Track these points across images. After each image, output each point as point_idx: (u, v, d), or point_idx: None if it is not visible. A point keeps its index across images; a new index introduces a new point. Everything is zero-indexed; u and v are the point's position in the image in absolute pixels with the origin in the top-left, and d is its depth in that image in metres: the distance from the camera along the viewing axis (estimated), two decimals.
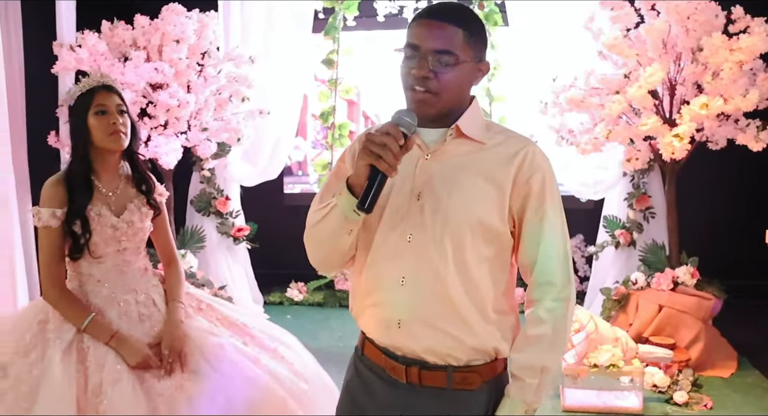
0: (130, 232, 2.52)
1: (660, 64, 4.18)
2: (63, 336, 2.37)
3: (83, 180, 2.47)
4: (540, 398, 1.67)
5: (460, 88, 1.64)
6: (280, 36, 5.60)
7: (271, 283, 6.25)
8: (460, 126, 1.65)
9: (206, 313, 2.64)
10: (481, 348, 1.67)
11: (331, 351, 4.83)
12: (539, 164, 1.65)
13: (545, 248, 1.65)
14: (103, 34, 4.86)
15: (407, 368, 1.68)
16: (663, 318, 4.35)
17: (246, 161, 5.79)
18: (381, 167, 1.52)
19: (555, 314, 1.65)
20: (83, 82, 2.53)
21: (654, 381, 3.93)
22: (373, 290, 1.71)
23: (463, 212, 1.62)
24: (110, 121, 2.46)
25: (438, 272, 1.62)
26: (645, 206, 4.99)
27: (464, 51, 1.60)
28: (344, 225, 1.64)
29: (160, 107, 4.72)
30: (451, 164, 1.66)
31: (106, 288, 2.50)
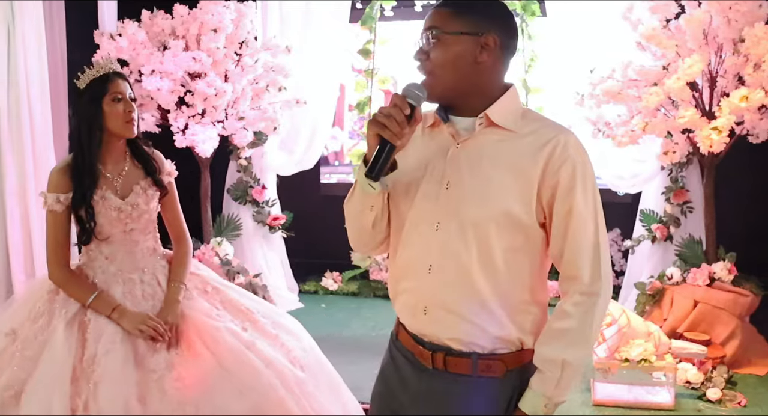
0: (135, 214, 2.58)
1: (700, 56, 4.10)
2: (69, 307, 2.49)
3: (89, 166, 2.52)
4: (561, 392, 1.65)
5: (455, 65, 1.63)
6: (317, 26, 5.62)
7: (306, 272, 6.30)
8: (489, 114, 1.64)
9: (211, 296, 2.67)
10: (506, 337, 1.67)
11: (364, 340, 4.86)
12: (570, 154, 1.61)
13: (572, 241, 1.63)
14: (143, 23, 4.94)
15: (433, 354, 1.70)
16: (698, 313, 4.29)
17: (283, 150, 5.83)
18: (385, 135, 1.55)
19: (581, 308, 1.64)
20: (95, 67, 2.56)
21: (687, 377, 3.88)
22: (403, 276, 1.74)
23: (488, 203, 1.61)
24: (127, 108, 2.53)
25: (462, 261, 1.63)
26: (683, 200, 4.92)
27: (450, 25, 1.61)
28: (364, 200, 1.69)
29: (197, 95, 4.78)
30: (480, 153, 1.65)
31: (113, 266, 2.59)
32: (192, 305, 2.58)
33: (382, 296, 5.97)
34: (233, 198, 5.70)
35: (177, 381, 2.32)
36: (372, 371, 4.07)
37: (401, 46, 6.25)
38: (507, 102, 1.68)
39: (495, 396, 1.69)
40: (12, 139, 4.38)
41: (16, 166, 4.41)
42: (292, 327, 2.74)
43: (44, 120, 4.51)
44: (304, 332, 2.80)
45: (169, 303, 2.54)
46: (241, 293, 2.78)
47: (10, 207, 4.38)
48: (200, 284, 2.71)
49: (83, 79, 2.56)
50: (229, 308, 2.64)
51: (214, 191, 5.52)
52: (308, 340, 2.78)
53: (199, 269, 2.82)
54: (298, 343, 2.67)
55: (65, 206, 2.52)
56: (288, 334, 2.67)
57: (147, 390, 2.30)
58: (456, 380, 1.69)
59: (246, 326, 2.58)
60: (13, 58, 4.37)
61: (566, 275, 1.67)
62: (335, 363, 4.24)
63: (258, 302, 2.78)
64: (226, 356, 2.41)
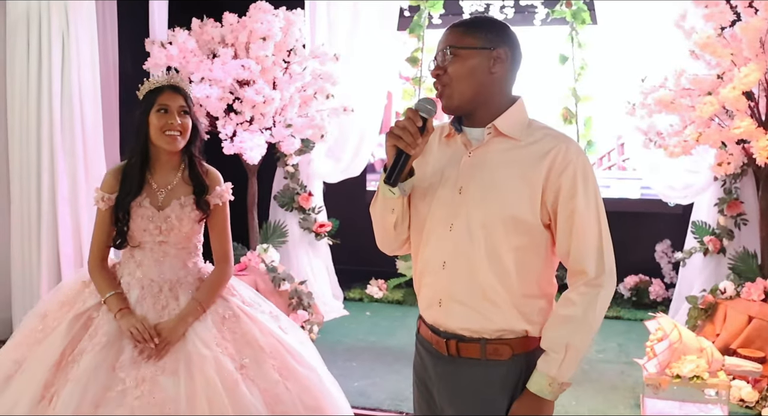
0: (165, 227, 2.60)
1: (756, 65, 4.01)
2: (88, 301, 2.59)
3: (137, 173, 2.60)
4: (564, 373, 1.78)
5: (471, 78, 1.80)
6: (365, 33, 5.63)
7: (351, 279, 6.31)
8: (496, 125, 1.82)
9: (226, 324, 2.61)
10: (509, 327, 1.83)
11: (408, 349, 4.78)
12: (571, 159, 1.78)
13: (577, 239, 1.79)
14: (193, 31, 5.00)
15: (447, 341, 1.87)
16: (753, 329, 4.16)
17: (330, 157, 5.85)
18: (401, 145, 1.74)
19: (585, 298, 1.79)
20: (152, 80, 2.64)
21: (741, 395, 3.77)
22: (423, 272, 1.92)
23: (497, 207, 1.78)
24: (168, 120, 2.55)
25: (471, 258, 1.80)
26: (736, 212, 4.79)
27: (464, 42, 1.80)
28: (386, 205, 1.88)
29: (246, 102, 4.83)
30: (490, 161, 1.82)
31: (140, 271, 2.64)
32: (196, 328, 2.54)
33: None
34: (280, 205, 5.73)
35: (137, 399, 2.33)
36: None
37: None
38: (514, 113, 1.85)
39: (503, 377, 1.84)
40: (65, 146, 4.48)
41: (68, 172, 4.50)
42: (304, 373, 2.61)
43: (95, 128, 4.59)
44: (317, 380, 2.64)
45: (176, 319, 2.53)
46: (263, 326, 2.66)
47: (62, 212, 4.46)
48: (221, 309, 2.65)
49: (142, 91, 2.64)
50: (239, 341, 2.58)
51: (261, 198, 5.55)
52: (316, 392, 2.61)
53: (235, 290, 2.77)
54: (299, 394, 2.54)
55: (109, 205, 2.62)
56: (295, 381, 2.56)
57: (104, 398, 2.33)
58: (468, 363, 1.86)
59: (246, 362, 2.52)
60: (67, 67, 4.47)
61: (573, 271, 1.83)
62: (378, 372, 4.26)
63: (279, 339, 2.65)
64: (199, 390, 2.37)
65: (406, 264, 6.03)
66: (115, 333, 2.48)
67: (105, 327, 2.49)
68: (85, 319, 2.54)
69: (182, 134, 2.59)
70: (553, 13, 5.66)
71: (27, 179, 4.50)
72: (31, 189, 4.51)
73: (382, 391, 3.98)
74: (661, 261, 5.81)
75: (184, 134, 2.59)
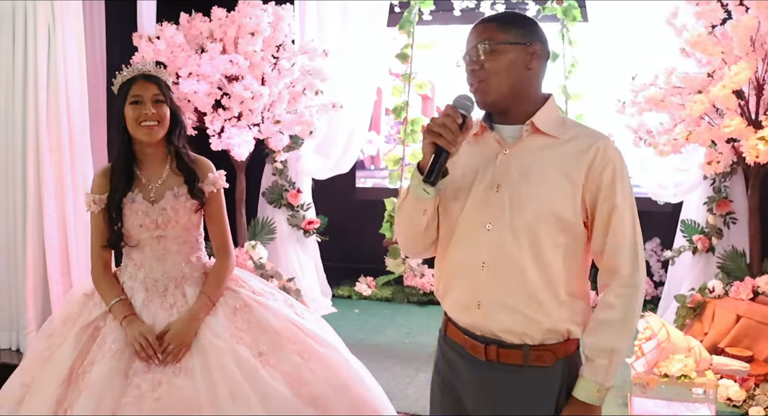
0: (162, 220, 2.53)
1: (747, 63, 4.00)
2: (93, 312, 2.52)
3: (124, 170, 2.54)
4: (610, 378, 1.78)
5: (509, 73, 1.78)
6: (355, 29, 5.61)
7: (340, 276, 6.29)
8: (534, 122, 1.79)
9: (238, 315, 2.56)
10: (554, 328, 1.80)
11: (397, 346, 4.82)
12: (610, 157, 1.77)
13: (614, 237, 1.78)
14: (181, 26, 4.96)
15: (486, 346, 1.82)
16: (741, 328, 4.16)
17: (319, 154, 5.83)
18: (441, 143, 1.70)
19: (624, 299, 1.78)
20: (125, 72, 2.55)
21: (728, 395, 3.76)
22: (455, 273, 1.87)
23: (539, 204, 1.76)
24: (142, 110, 2.47)
25: (515, 258, 1.77)
26: (726, 211, 4.79)
27: (500, 36, 1.77)
28: (418, 205, 1.82)
29: (234, 98, 4.80)
30: (528, 158, 1.79)
31: (141, 273, 2.57)
32: (207, 322, 2.49)
33: (417, 302, 5.94)
34: (268, 201, 5.70)
35: (155, 401, 2.27)
36: (405, 379, 4.09)
37: (440, 50, 6.21)
38: (549, 110, 1.83)
39: (546, 384, 1.82)
40: (51, 141, 4.43)
41: (54, 167, 4.45)
42: (325, 353, 2.56)
43: (82, 123, 4.55)
44: (340, 358, 2.60)
45: (187, 318, 2.47)
46: (278, 311, 2.62)
47: (48, 209, 4.42)
48: (231, 300, 2.59)
49: (115, 84, 2.57)
50: (254, 329, 2.52)
51: (250, 195, 5.52)
52: (340, 370, 2.56)
53: (243, 282, 2.71)
54: (323, 373, 2.50)
55: (101, 207, 2.55)
56: (317, 362, 2.51)
57: (120, 405, 2.27)
58: (508, 370, 1.82)
59: (264, 349, 2.47)
60: (53, 61, 4.41)
61: (606, 268, 1.81)
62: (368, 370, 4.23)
63: (295, 323, 2.59)
64: (220, 383, 2.33)
65: (395, 262, 6.00)
66: (125, 339, 2.41)
67: (113, 335, 2.42)
68: (92, 330, 2.47)
69: (160, 124, 2.50)
70: (543, 10, 5.63)
71: (12, 174, 4.45)
72: (16, 184, 4.46)
73: None
74: (650, 260, 5.80)
75: (161, 124, 2.51)
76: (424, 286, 5.92)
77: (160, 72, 2.58)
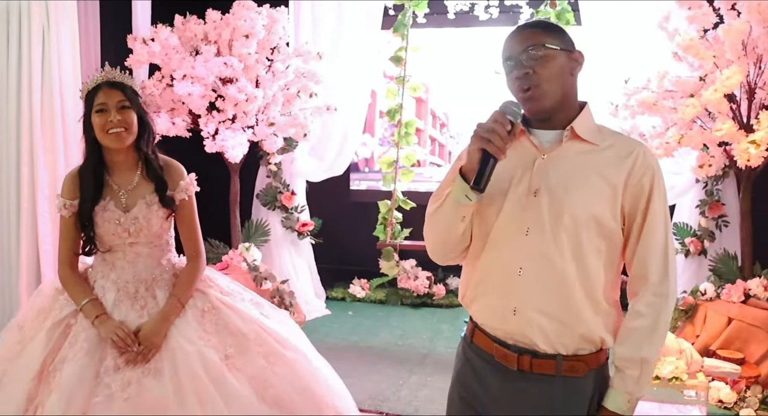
0: (134, 228, 2.55)
1: (739, 67, 4.02)
2: (65, 309, 2.52)
3: (93, 177, 2.54)
4: (641, 388, 1.77)
5: (560, 78, 1.76)
6: (349, 32, 5.62)
7: (334, 278, 6.30)
8: (575, 127, 1.78)
9: (206, 317, 2.58)
10: (589, 336, 1.78)
11: (390, 348, 4.82)
12: (650, 163, 1.76)
13: (644, 242, 1.77)
14: (176, 28, 4.97)
15: (519, 356, 1.79)
16: (732, 331, 4.18)
17: (313, 156, 5.84)
18: (490, 149, 1.67)
19: (653, 308, 1.76)
20: (90, 80, 2.55)
21: (720, 397, 3.78)
22: (488, 278, 1.84)
23: (579, 209, 1.73)
24: (108, 118, 2.47)
25: (555, 264, 1.74)
26: (718, 214, 4.81)
27: (549, 41, 1.76)
28: (457, 211, 1.78)
29: (228, 100, 4.80)
30: (567, 163, 1.78)
31: (113, 274, 2.59)
32: (177, 324, 2.50)
33: (410, 304, 5.95)
34: (262, 203, 5.70)
35: (125, 402, 2.29)
36: (397, 381, 4.10)
37: (434, 53, 6.23)
38: (587, 117, 1.83)
39: (578, 394, 1.80)
40: (45, 142, 4.43)
41: (48, 168, 4.45)
42: (291, 356, 2.58)
43: (77, 124, 4.49)
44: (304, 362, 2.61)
45: (157, 320, 2.48)
46: (245, 314, 2.63)
47: (41, 210, 4.42)
48: (200, 302, 2.62)
49: (82, 93, 2.57)
50: (221, 332, 2.55)
51: (244, 196, 5.53)
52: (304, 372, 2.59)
53: (212, 281, 2.74)
54: (287, 376, 2.53)
55: (72, 212, 2.55)
56: (282, 365, 2.53)
57: (91, 405, 2.29)
58: (540, 380, 1.79)
59: (230, 352, 2.49)
60: (48, 62, 4.42)
61: (636, 275, 1.80)
62: (359, 372, 4.25)
63: (262, 325, 2.62)
64: (187, 386, 2.35)
65: (389, 264, 6.01)
66: (97, 339, 2.42)
67: (84, 334, 2.43)
68: (64, 327, 2.47)
69: (126, 130, 2.50)
70: (537, 13, 5.66)
71: (6, 175, 4.45)
72: (10, 185, 4.46)
73: (362, 391, 3.96)
74: None
75: (128, 130, 2.50)
76: (417, 288, 5.93)
77: (125, 78, 2.57)
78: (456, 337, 5.09)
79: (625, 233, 1.79)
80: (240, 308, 2.64)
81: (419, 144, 6.47)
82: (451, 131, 6.61)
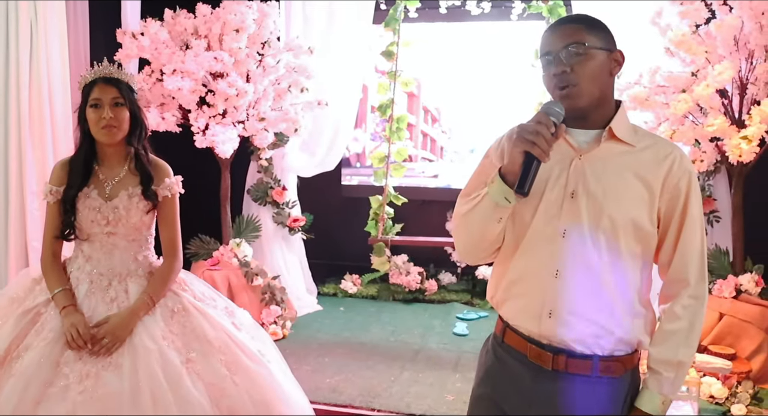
0: (113, 218, 2.58)
1: (730, 62, 4.02)
2: (38, 298, 2.57)
3: (83, 166, 2.61)
4: (675, 390, 1.79)
5: (599, 78, 1.74)
6: (340, 26, 5.60)
7: (325, 274, 6.29)
8: (613, 128, 1.76)
9: (175, 318, 2.59)
10: (627, 339, 1.77)
11: (381, 344, 4.81)
12: (687, 167, 1.76)
13: (683, 246, 1.77)
14: (166, 22, 4.93)
15: (555, 356, 1.78)
16: (724, 326, 4.19)
17: (304, 151, 5.81)
18: (535, 152, 1.64)
19: (690, 310, 1.77)
20: (86, 74, 2.62)
21: (711, 392, 3.79)
22: (522, 280, 1.83)
23: (617, 211, 1.72)
24: (101, 115, 2.54)
25: (593, 266, 1.73)
26: (709, 210, 4.81)
27: (590, 39, 1.73)
28: (494, 213, 1.75)
29: (218, 95, 4.77)
30: (605, 164, 1.76)
31: (89, 265, 2.62)
32: (144, 321, 2.52)
33: (402, 300, 5.94)
34: (253, 199, 5.68)
35: (80, 394, 2.30)
36: (389, 377, 4.09)
37: (426, 48, 6.21)
38: (623, 117, 1.80)
39: (614, 395, 1.79)
40: (33, 138, 4.39)
41: (37, 165, 4.42)
42: (254, 368, 2.58)
43: (65, 120, 4.51)
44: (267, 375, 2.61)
45: (125, 314, 2.50)
46: (214, 321, 2.63)
47: (30, 207, 4.38)
48: (171, 303, 2.64)
49: (79, 86, 2.63)
50: (187, 335, 2.55)
51: (234, 192, 5.50)
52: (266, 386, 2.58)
53: (187, 285, 2.75)
54: (246, 388, 2.52)
55: (57, 198, 2.62)
56: (243, 376, 2.53)
57: (46, 394, 2.30)
58: (575, 380, 1.78)
59: (192, 356, 2.49)
60: (36, 58, 4.37)
61: (674, 279, 1.80)
62: (351, 368, 4.24)
63: (230, 334, 2.62)
64: (144, 385, 2.35)
65: (380, 260, 6.00)
66: (62, 329, 2.44)
67: (51, 323, 2.46)
68: (33, 314, 2.52)
69: (118, 127, 2.57)
70: (529, 8, 5.65)
71: None
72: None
73: (354, 387, 3.95)
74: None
75: (120, 126, 2.57)
76: (409, 284, 5.93)
77: (121, 75, 2.62)
78: (448, 333, 5.09)
79: (660, 236, 1.78)
80: (211, 315, 2.65)
81: (411, 139, 6.45)
82: (443, 126, 6.59)
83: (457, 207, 1.87)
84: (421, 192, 6.44)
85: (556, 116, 1.68)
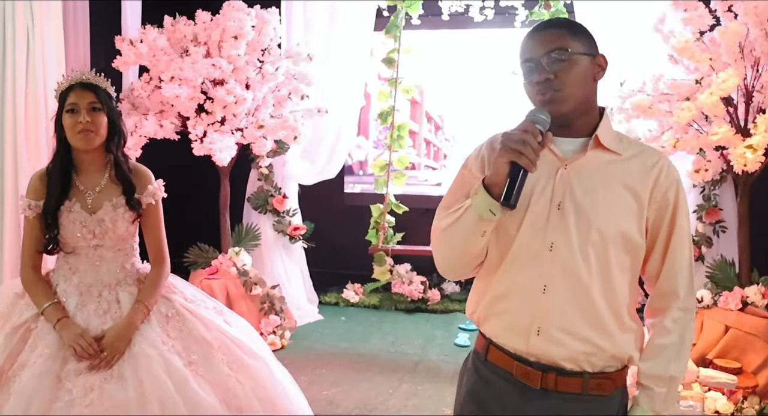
0: (99, 231, 2.53)
1: (735, 70, 3.95)
2: (25, 313, 2.48)
3: (60, 177, 2.53)
4: (668, 407, 1.73)
5: (583, 84, 1.67)
6: (341, 33, 5.57)
7: (327, 283, 6.24)
8: (599, 136, 1.70)
9: (171, 323, 2.57)
10: (618, 355, 1.71)
11: (381, 356, 4.75)
12: (674, 176, 1.71)
13: (671, 258, 1.72)
14: (165, 29, 4.89)
15: (544, 374, 1.71)
16: (729, 339, 4.10)
17: (305, 159, 5.77)
18: (522, 162, 1.56)
19: (680, 324, 1.73)
20: (64, 80, 2.56)
21: (716, 407, 3.70)
22: (508, 296, 1.74)
23: (606, 224, 1.66)
24: (78, 119, 2.48)
25: (582, 281, 1.67)
26: (715, 220, 4.73)
27: (572, 45, 1.66)
28: (478, 226, 1.67)
29: (217, 103, 4.73)
30: (591, 174, 1.70)
31: (76, 277, 2.56)
32: (141, 330, 2.48)
33: (404, 309, 5.88)
34: (253, 207, 5.62)
35: (87, 408, 2.26)
36: (387, 390, 4.02)
37: (429, 55, 6.16)
38: (607, 125, 1.74)
39: (604, 413, 1.74)
40: (29, 145, 4.35)
41: (32, 171, 4.37)
42: (253, 365, 2.59)
43: None
44: (266, 371, 2.62)
45: (122, 326, 2.46)
46: (208, 321, 2.63)
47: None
48: (164, 308, 2.60)
49: (56, 93, 2.57)
50: (185, 338, 2.53)
51: (234, 200, 5.46)
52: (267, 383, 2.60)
53: (175, 288, 2.73)
54: (251, 385, 2.53)
55: (36, 213, 2.53)
56: (245, 374, 2.53)
57: (51, 410, 2.25)
58: (565, 398, 1.71)
59: (194, 359, 2.47)
60: (32, 63, 4.34)
61: (663, 291, 1.75)
62: (348, 380, 4.18)
63: (225, 333, 2.61)
64: (150, 392, 2.32)
65: (381, 269, 5.95)
66: (58, 343, 2.38)
67: (47, 338, 2.39)
68: (23, 331, 2.44)
69: (95, 131, 2.50)
70: (531, 14, 5.60)
71: None
72: None
73: (351, 400, 3.88)
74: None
75: (97, 131, 2.50)
76: (411, 293, 5.86)
77: (98, 80, 2.57)
78: (449, 344, 5.02)
79: (648, 247, 1.73)
80: (204, 316, 2.63)
81: (414, 147, 6.40)
82: (446, 133, 6.53)
83: (436, 221, 1.79)
84: (423, 200, 6.37)
85: (542, 124, 1.61)
